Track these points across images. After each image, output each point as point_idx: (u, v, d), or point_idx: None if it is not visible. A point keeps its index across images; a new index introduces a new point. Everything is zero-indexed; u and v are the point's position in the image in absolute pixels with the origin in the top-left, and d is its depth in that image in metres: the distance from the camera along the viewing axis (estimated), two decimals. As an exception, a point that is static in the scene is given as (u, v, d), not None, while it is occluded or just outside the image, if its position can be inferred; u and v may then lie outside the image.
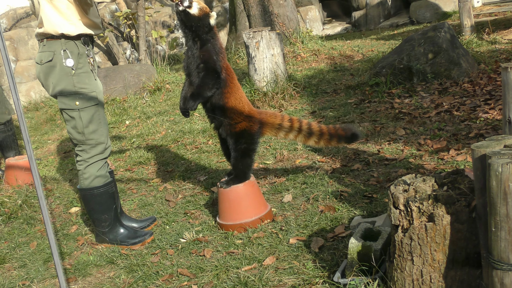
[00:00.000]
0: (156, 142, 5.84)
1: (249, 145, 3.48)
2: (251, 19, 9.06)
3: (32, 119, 8.37)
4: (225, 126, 3.46)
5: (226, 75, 3.41)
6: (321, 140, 3.64)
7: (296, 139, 3.66)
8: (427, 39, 6.21)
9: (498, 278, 1.93)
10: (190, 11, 3.31)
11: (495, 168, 1.84)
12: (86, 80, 3.34)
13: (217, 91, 3.39)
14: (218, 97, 3.40)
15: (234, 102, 3.43)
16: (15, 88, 2.40)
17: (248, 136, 3.46)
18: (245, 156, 3.47)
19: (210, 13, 3.38)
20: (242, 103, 3.47)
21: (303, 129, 3.62)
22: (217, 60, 3.35)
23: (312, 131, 3.62)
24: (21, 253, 3.73)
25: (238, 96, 3.46)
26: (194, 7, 3.32)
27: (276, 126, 3.59)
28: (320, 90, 6.70)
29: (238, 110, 3.44)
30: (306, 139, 3.66)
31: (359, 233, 2.68)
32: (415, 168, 3.88)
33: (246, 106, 3.49)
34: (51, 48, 3.28)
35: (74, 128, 3.37)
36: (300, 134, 3.63)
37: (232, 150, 3.49)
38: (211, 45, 3.36)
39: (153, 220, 3.83)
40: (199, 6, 3.34)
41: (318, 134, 3.62)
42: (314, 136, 3.63)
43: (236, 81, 3.50)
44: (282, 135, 3.63)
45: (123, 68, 8.66)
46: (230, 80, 3.43)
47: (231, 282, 2.85)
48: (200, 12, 3.33)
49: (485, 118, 4.61)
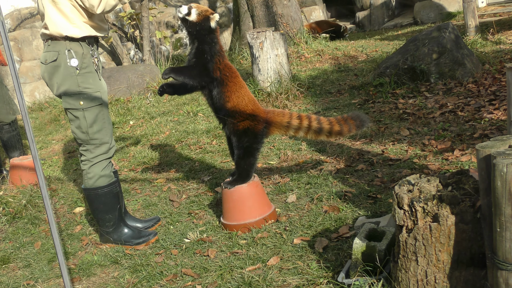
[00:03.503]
0: (160, 142, 5.85)
1: (252, 144, 3.48)
2: (255, 19, 9.06)
3: (36, 119, 8.39)
4: (228, 125, 3.49)
5: (223, 75, 3.42)
6: (332, 134, 3.60)
7: (307, 135, 3.62)
8: (432, 39, 6.20)
9: (503, 278, 1.93)
10: (189, 18, 3.39)
11: (500, 168, 1.83)
12: (91, 80, 3.35)
13: (216, 90, 3.42)
14: (218, 96, 3.44)
15: (235, 101, 3.44)
16: (20, 88, 2.41)
17: (252, 135, 3.46)
18: (248, 155, 3.48)
19: (211, 15, 3.41)
20: (245, 101, 3.47)
21: (313, 126, 3.56)
22: (210, 61, 3.40)
23: (322, 127, 3.56)
24: (26, 253, 3.74)
25: (241, 95, 3.47)
26: (193, 14, 3.39)
27: (284, 124, 3.56)
28: (324, 91, 6.69)
29: (241, 109, 3.45)
30: (317, 135, 3.61)
31: (363, 233, 2.68)
32: (419, 168, 3.87)
33: (250, 105, 3.48)
34: (55, 48, 3.29)
35: (79, 127, 3.38)
36: (310, 131, 3.59)
37: (235, 148, 3.50)
38: (208, 46, 3.41)
39: (157, 220, 3.84)
40: (198, 11, 3.40)
41: (328, 129, 3.57)
42: (324, 131, 3.58)
43: (238, 80, 3.49)
44: (291, 132, 3.60)
45: (127, 69, 8.67)
46: (229, 79, 3.44)
47: (235, 282, 2.85)
48: (199, 17, 3.39)
49: (489, 119, 4.60)
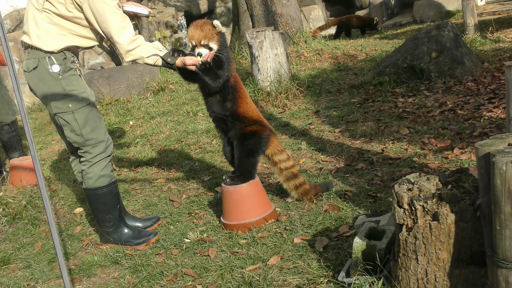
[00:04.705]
0: (160, 143, 5.85)
1: (255, 146, 3.51)
2: (254, 19, 9.06)
3: (36, 120, 8.39)
4: (235, 130, 3.49)
5: (235, 82, 3.48)
6: (299, 189, 3.61)
7: (282, 173, 3.62)
8: (431, 38, 6.20)
9: (503, 276, 1.93)
10: (209, 59, 3.27)
11: (500, 166, 1.83)
12: (75, 82, 3.33)
13: (230, 95, 3.43)
14: (232, 101, 3.45)
15: (245, 107, 3.51)
16: (19, 89, 2.41)
17: (258, 138, 3.50)
18: (250, 156, 3.49)
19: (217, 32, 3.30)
20: (251, 108, 3.56)
21: (294, 169, 3.62)
22: (228, 66, 3.38)
23: (298, 176, 3.61)
24: (26, 254, 3.74)
25: (248, 102, 3.56)
26: (207, 53, 3.27)
27: (279, 148, 3.61)
28: (324, 90, 6.70)
29: (249, 114, 3.52)
30: (288, 181, 3.62)
31: (363, 232, 2.68)
32: (419, 167, 3.87)
33: (255, 112, 3.57)
34: (35, 55, 3.26)
35: (72, 131, 3.37)
36: (288, 172, 3.60)
37: (239, 150, 3.50)
38: (225, 52, 3.37)
39: (156, 220, 3.84)
40: (212, 46, 3.28)
41: (302, 182, 3.61)
42: (295, 180, 3.60)
43: (244, 89, 3.57)
44: (276, 159, 3.60)
45: (126, 69, 8.67)
46: (239, 86, 3.51)
47: (235, 282, 2.86)
48: (217, 44, 3.30)
49: (489, 117, 4.60)
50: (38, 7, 3.22)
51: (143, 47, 3.27)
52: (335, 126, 5.24)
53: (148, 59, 3.29)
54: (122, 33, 3.22)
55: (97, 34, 3.38)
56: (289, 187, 3.64)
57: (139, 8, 3.49)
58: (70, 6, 3.20)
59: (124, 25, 3.25)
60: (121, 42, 3.23)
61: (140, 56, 3.28)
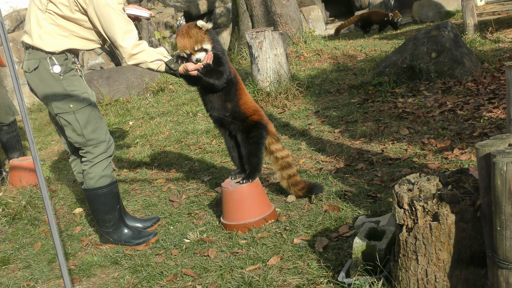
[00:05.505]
0: (160, 143, 5.84)
1: (260, 138, 3.55)
2: (253, 19, 9.06)
3: (36, 120, 8.38)
4: (238, 123, 3.52)
5: (234, 73, 3.51)
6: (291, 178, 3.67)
7: (277, 162, 3.69)
8: (430, 38, 6.20)
9: (503, 277, 1.93)
10: (210, 61, 3.26)
11: (500, 167, 1.83)
12: (76, 83, 3.33)
13: (232, 89, 3.46)
14: (234, 94, 3.48)
15: (245, 98, 3.56)
16: (19, 89, 2.40)
17: (260, 129, 3.54)
18: (258, 149, 3.55)
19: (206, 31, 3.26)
20: (250, 99, 3.62)
21: (289, 158, 3.71)
22: (226, 61, 3.40)
23: (292, 166, 3.69)
24: (26, 254, 3.73)
25: (246, 92, 3.63)
26: (205, 55, 3.26)
27: (276, 137, 3.69)
28: (323, 90, 6.70)
29: (249, 104, 3.56)
30: (282, 170, 3.68)
31: (363, 232, 2.68)
32: (419, 167, 3.87)
33: (253, 102, 3.64)
34: (36, 56, 3.26)
35: (74, 131, 3.37)
36: (284, 161, 3.67)
37: (245, 146, 3.54)
38: (220, 47, 3.37)
39: (156, 220, 3.84)
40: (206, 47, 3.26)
41: (293, 172, 3.68)
42: (289, 170, 3.67)
43: (240, 79, 3.60)
44: (273, 148, 3.68)
45: (126, 69, 8.67)
46: (237, 77, 3.54)
47: (235, 282, 2.85)
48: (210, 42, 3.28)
49: (489, 117, 4.60)
50: (41, 7, 3.21)
51: (147, 52, 3.28)
52: (335, 127, 5.24)
53: (152, 64, 3.30)
54: (126, 37, 3.23)
55: (100, 36, 3.39)
56: (282, 176, 3.69)
57: (140, 11, 3.50)
58: (74, 8, 3.20)
59: (129, 29, 3.26)
60: (125, 46, 3.23)
61: (143, 61, 3.29)
